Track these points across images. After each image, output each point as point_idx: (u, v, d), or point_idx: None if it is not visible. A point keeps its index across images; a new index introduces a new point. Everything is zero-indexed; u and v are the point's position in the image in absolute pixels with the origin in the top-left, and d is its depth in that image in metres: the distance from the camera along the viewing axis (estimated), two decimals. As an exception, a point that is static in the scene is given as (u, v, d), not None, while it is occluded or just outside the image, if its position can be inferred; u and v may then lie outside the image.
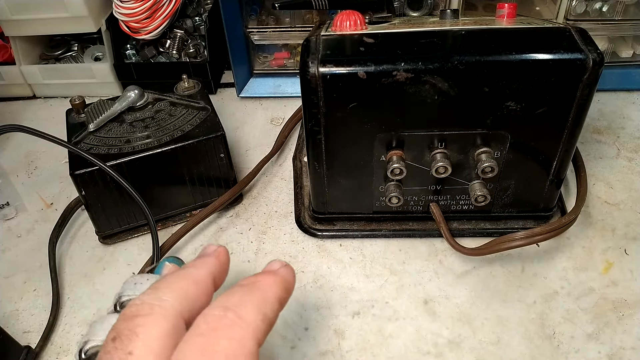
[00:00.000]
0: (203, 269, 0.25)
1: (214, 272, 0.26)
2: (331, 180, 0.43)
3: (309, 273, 0.44)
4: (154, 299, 0.22)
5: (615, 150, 0.54)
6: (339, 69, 0.36)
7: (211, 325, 0.21)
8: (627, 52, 0.61)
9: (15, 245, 0.49)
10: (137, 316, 0.22)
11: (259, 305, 0.23)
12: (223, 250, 0.28)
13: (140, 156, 0.44)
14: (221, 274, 0.27)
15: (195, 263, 0.26)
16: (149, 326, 0.21)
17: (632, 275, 0.42)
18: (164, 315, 0.22)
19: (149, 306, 0.22)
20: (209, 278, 0.25)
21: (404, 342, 0.39)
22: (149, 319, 0.21)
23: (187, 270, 0.25)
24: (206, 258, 0.27)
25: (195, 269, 0.25)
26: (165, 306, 0.22)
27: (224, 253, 0.28)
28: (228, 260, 0.28)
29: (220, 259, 0.27)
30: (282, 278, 0.26)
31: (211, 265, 0.26)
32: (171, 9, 0.62)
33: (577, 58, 0.35)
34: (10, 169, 0.58)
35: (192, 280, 0.24)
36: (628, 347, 0.38)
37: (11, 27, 0.62)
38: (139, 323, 0.21)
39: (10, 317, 0.43)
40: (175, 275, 0.25)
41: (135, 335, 0.21)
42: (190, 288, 0.24)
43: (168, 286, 0.23)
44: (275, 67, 0.66)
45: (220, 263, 0.27)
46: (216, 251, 0.28)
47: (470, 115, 0.38)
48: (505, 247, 0.41)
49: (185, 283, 0.24)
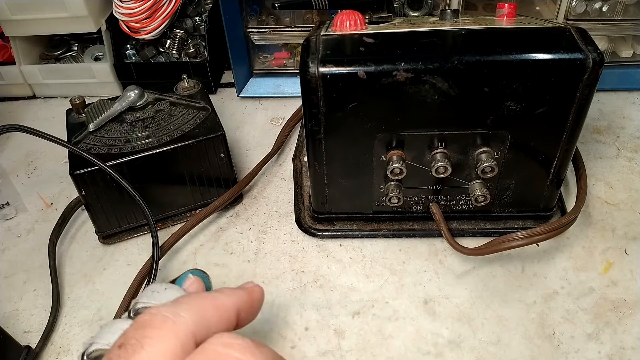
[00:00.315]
0: (230, 298, 0.25)
1: (241, 305, 0.26)
2: (331, 180, 0.43)
3: (309, 273, 0.44)
4: (170, 312, 0.22)
5: (615, 150, 0.54)
6: (339, 69, 0.36)
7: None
8: (627, 52, 0.61)
9: (15, 245, 0.49)
10: (148, 326, 0.21)
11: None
12: (259, 289, 0.28)
13: (140, 156, 0.44)
14: (249, 310, 0.26)
15: (225, 290, 0.26)
16: (157, 339, 0.21)
17: (632, 275, 0.42)
18: (175, 332, 0.21)
19: (163, 318, 0.22)
20: (232, 308, 0.25)
21: (404, 342, 0.39)
22: (159, 332, 0.21)
23: (213, 293, 0.25)
24: (238, 290, 0.26)
25: (222, 295, 0.25)
26: (179, 322, 0.22)
27: (258, 291, 0.27)
28: (260, 299, 0.27)
29: (253, 295, 0.27)
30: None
31: (240, 298, 0.26)
32: (171, 9, 0.62)
33: (577, 58, 0.35)
34: (10, 169, 0.58)
35: (214, 304, 0.24)
36: (628, 347, 0.38)
37: (11, 27, 0.62)
38: (148, 334, 0.21)
39: (10, 317, 0.43)
40: (199, 295, 0.24)
41: (141, 347, 0.20)
42: (210, 311, 0.23)
43: (188, 303, 0.23)
44: (275, 67, 0.66)
45: (251, 299, 0.27)
46: (251, 288, 0.27)
47: (470, 115, 0.38)
48: (505, 247, 0.41)
49: (207, 305, 0.24)
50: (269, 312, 0.41)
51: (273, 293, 0.43)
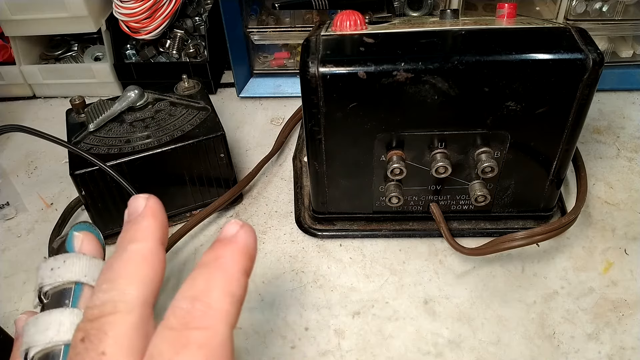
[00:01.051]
0: (148, 241, 0.23)
1: (160, 236, 0.24)
2: (331, 180, 0.43)
3: (309, 273, 0.44)
4: (115, 296, 0.21)
5: (615, 150, 0.54)
6: (339, 69, 0.36)
7: (180, 320, 0.21)
8: (627, 52, 0.61)
9: (15, 245, 0.49)
10: (102, 316, 0.21)
11: (225, 287, 0.22)
12: (155, 203, 0.25)
13: (140, 156, 0.44)
14: (164, 232, 0.24)
15: (135, 235, 0.24)
16: (117, 324, 0.21)
17: (632, 275, 0.42)
18: (129, 310, 0.21)
19: (112, 305, 0.21)
20: (157, 247, 0.23)
21: (404, 342, 0.39)
22: (115, 317, 0.21)
23: (130, 248, 0.23)
24: (143, 222, 0.24)
25: (138, 243, 0.23)
26: (129, 300, 0.21)
27: (158, 208, 0.25)
28: (164, 211, 0.25)
29: (157, 215, 0.25)
30: (243, 246, 0.24)
31: (152, 231, 0.24)
32: (171, 9, 0.62)
33: (577, 58, 0.35)
34: (10, 169, 0.58)
35: (140, 259, 0.23)
36: (628, 347, 0.38)
37: (11, 27, 0.62)
38: (105, 322, 0.21)
39: (10, 317, 0.43)
40: (124, 260, 0.23)
41: (104, 334, 0.20)
42: (143, 269, 0.22)
43: (122, 276, 0.22)
44: (275, 67, 0.66)
45: (159, 221, 0.25)
46: (149, 208, 0.25)
47: (470, 115, 0.38)
48: (505, 247, 0.41)
49: (138, 266, 0.22)
50: (269, 312, 0.41)
51: (273, 293, 0.43)
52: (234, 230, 0.24)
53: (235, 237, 0.24)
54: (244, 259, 0.23)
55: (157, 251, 0.24)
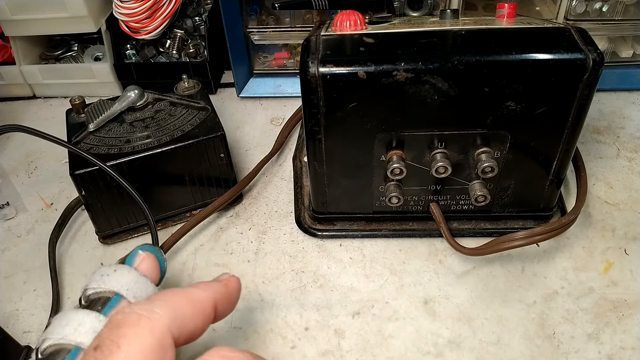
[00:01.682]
0: (205, 292, 0.24)
1: (217, 298, 0.25)
2: (331, 180, 0.43)
3: (309, 273, 0.44)
4: (144, 310, 0.21)
5: (615, 150, 0.54)
6: (339, 69, 0.36)
7: None
8: (627, 52, 0.61)
9: (15, 245, 0.49)
10: (123, 326, 0.21)
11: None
12: (235, 279, 0.27)
13: (140, 156, 0.44)
14: (226, 302, 0.25)
15: (200, 284, 0.25)
16: (133, 338, 0.20)
17: (632, 275, 0.42)
18: (150, 329, 0.21)
19: (137, 317, 0.21)
20: (209, 302, 0.24)
21: (404, 342, 0.39)
22: (135, 330, 0.20)
23: (187, 288, 0.24)
24: (214, 282, 0.26)
25: (197, 289, 0.24)
26: (154, 319, 0.21)
27: (234, 282, 0.26)
28: (237, 289, 0.26)
29: (229, 286, 0.26)
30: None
31: (215, 291, 0.25)
32: (171, 9, 0.62)
33: (577, 58, 0.35)
34: (10, 169, 0.58)
35: (189, 299, 0.23)
36: (628, 347, 0.38)
37: (11, 27, 0.62)
38: (123, 334, 0.20)
39: (10, 317, 0.43)
40: (173, 291, 0.24)
41: (118, 346, 0.20)
42: (185, 306, 0.23)
43: (161, 299, 0.22)
44: (275, 67, 0.66)
45: (228, 291, 0.26)
46: (227, 279, 0.26)
47: (470, 115, 0.38)
48: (505, 247, 0.41)
49: (181, 300, 0.23)
50: (269, 312, 0.41)
51: (273, 293, 0.43)
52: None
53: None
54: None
55: (206, 303, 0.24)
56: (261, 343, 0.39)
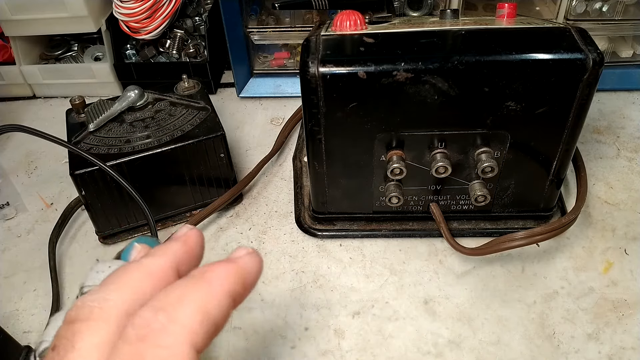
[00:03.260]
0: (162, 258, 0.22)
1: (178, 261, 0.22)
2: (331, 180, 0.43)
3: (309, 273, 0.44)
4: (95, 300, 0.20)
5: (615, 150, 0.54)
6: (339, 69, 0.36)
7: (138, 332, 0.18)
8: (627, 52, 0.61)
9: (15, 245, 0.49)
10: (76, 321, 0.19)
11: (200, 303, 0.19)
12: (193, 233, 0.23)
13: (140, 156, 0.44)
14: (189, 261, 0.23)
15: (156, 251, 0.22)
16: (87, 333, 0.19)
17: (632, 275, 0.42)
18: (105, 319, 0.19)
19: (89, 309, 0.19)
20: (168, 268, 0.21)
21: (404, 342, 0.39)
22: (88, 324, 0.19)
23: (142, 261, 0.22)
24: (170, 244, 0.23)
25: (152, 258, 0.22)
26: (107, 307, 0.19)
27: (193, 236, 0.23)
28: (199, 244, 0.23)
29: (189, 243, 0.23)
30: (240, 268, 0.21)
31: (174, 253, 0.22)
32: (171, 9, 0.62)
33: (577, 58, 0.35)
34: (10, 169, 0.58)
35: (145, 272, 0.21)
36: (628, 347, 0.38)
37: (11, 27, 0.62)
38: (77, 330, 0.19)
39: (10, 317, 0.43)
40: (127, 269, 0.21)
41: (72, 345, 0.19)
42: (143, 281, 0.20)
43: (114, 282, 0.20)
44: (275, 67, 0.66)
45: (188, 249, 0.23)
46: (184, 234, 0.23)
47: (470, 115, 0.38)
48: (505, 247, 0.41)
49: (137, 276, 0.21)
50: (269, 312, 0.41)
51: (273, 293, 0.43)
52: (240, 254, 0.22)
53: (236, 259, 0.22)
54: (236, 282, 0.21)
55: (167, 270, 0.21)
56: (261, 343, 0.39)
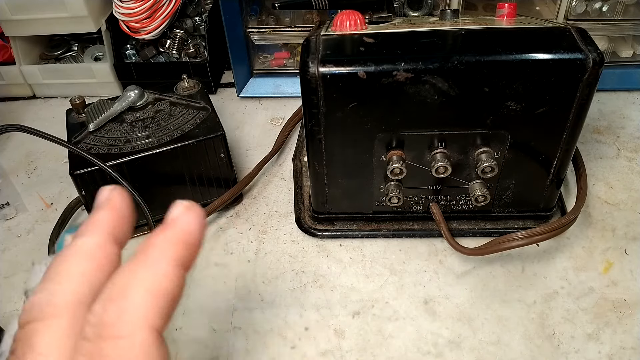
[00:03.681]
0: (95, 235, 0.20)
1: (112, 231, 0.21)
2: (331, 180, 0.43)
3: (309, 273, 0.44)
4: (43, 298, 0.19)
5: (615, 150, 0.54)
6: (339, 69, 0.36)
7: (94, 328, 0.18)
8: (627, 52, 0.61)
9: (15, 245, 0.49)
10: (29, 323, 0.19)
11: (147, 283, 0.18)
12: (117, 195, 0.22)
13: (140, 156, 0.44)
14: (123, 226, 0.21)
15: (86, 229, 0.21)
16: (43, 333, 0.19)
17: (632, 275, 0.42)
18: (57, 315, 0.19)
19: (39, 308, 0.19)
20: (106, 243, 0.20)
21: (404, 342, 0.39)
22: (42, 324, 0.19)
23: (75, 244, 0.20)
24: (97, 214, 0.21)
25: (85, 238, 0.20)
26: (57, 303, 0.19)
27: (118, 199, 0.21)
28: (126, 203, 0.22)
29: (116, 208, 0.21)
30: (180, 231, 0.20)
31: (105, 224, 0.21)
32: (171, 9, 0.62)
33: (577, 58, 0.35)
34: (10, 169, 0.58)
35: (83, 255, 0.20)
36: (628, 347, 0.38)
37: (11, 27, 0.62)
38: (31, 330, 0.19)
39: (10, 317, 0.43)
40: (63, 257, 0.20)
41: (30, 347, 0.18)
42: (85, 266, 0.20)
43: (57, 275, 0.20)
44: (275, 67, 0.66)
45: (117, 213, 0.21)
46: (108, 201, 0.21)
47: (470, 115, 0.38)
48: (505, 247, 0.41)
49: (76, 262, 0.20)
50: (269, 312, 0.41)
51: (273, 293, 0.43)
52: (176, 214, 0.21)
53: (174, 221, 0.21)
54: (179, 248, 0.20)
55: (105, 245, 0.20)
56: (261, 343, 0.39)
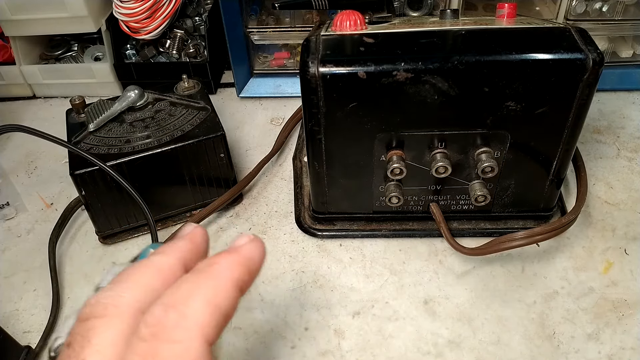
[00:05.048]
0: (170, 256, 0.22)
1: (185, 257, 0.23)
2: (331, 180, 0.43)
3: (309, 273, 0.44)
4: (108, 297, 0.20)
5: (615, 150, 0.54)
6: (339, 69, 0.36)
7: (151, 329, 0.19)
8: (627, 52, 0.61)
9: (15, 245, 0.49)
10: (90, 318, 0.20)
11: (208, 296, 0.20)
12: (199, 231, 0.24)
13: (140, 156, 0.44)
14: (195, 258, 0.23)
15: (164, 249, 0.23)
16: (102, 329, 0.19)
17: (632, 275, 0.42)
18: (119, 316, 0.20)
19: (103, 306, 0.20)
20: (177, 265, 0.22)
21: (404, 342, 0.39)
22: (103, 321, 0.20)
23: (151, 259, 0.22)
24: (177, 242, 0.24)
25: (161, 256, 0.23)
26: (121, 304, 0.20)
27: (199, 234, 0.24)
28: (204, 240, 0.24)
29: (195, 240, 0.24)
30: (244, 257, 0.22)
31: (181, 250, 0.23)
32: (171, 9, 0.62)
33: (577, 58, 0.35)
34: (10, 169, 0.58)
35: (155, 269, 0.22)
36: (628, 347, 0.38)
37: (11, 27, 0.62)
38: (91, 326, 0.19)
39: (10, 317, 0.43)
40: (137, 267, 0.22)
41: (88, 341, 0.19)
42: (153, 279, 0.21)
43: (125, 280, 0.21)
44: (275, 67, 0.66)
45: (194, 246, 0.24)
46: (190, 233, 0.24)
47: (470, 115, 0.38)
48: (505, 247, 0.41)
49: (148, 273, 0.21)
50: (269, 312, 0.41)
51: (273, 293, 0.43)
52: (242, 242, 0.23)
53: (239, 248, 0.22)
54: (241, 271, 0.22)
55: (175, 268, 0.22)
56: (261, 343, 0.39)
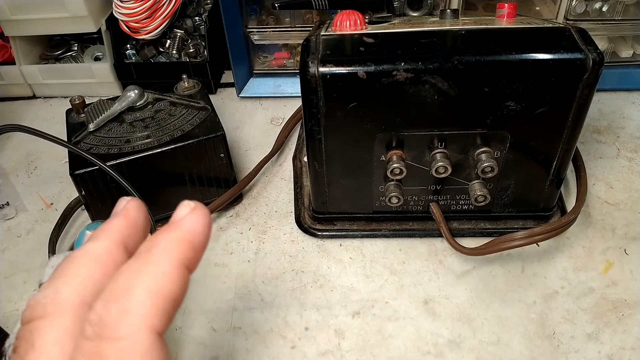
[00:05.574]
0: (105, 240, 0.21)
1: (123, 237, 0.21)
2: (331, 180, 0.43)
3: (309, 273, 0.44)
4: (47, 296, 0.19)
5: (615, 150, 0.54)
6: (339, 68, 0.36)
7: (94, 328, 0.18)
8: (627, 52, 0.61)
9: (15, 245, 0.49)
10: (32, 320, 0.19)
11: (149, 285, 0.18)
12: (133, 205, 0.22)
13: (140, 156, 0.44)
14: (134, 235, 0.22)
15: (97, 233, 0.21)
16: (45, 331, 0.19)
17: (632, 275, 0.42)
18: (60, 314, 0.19)
19: (42, 306, 0.19)
20: (114, 249, 0.21)
21: (404, 342, 0.39)
22: (44, 322, 0.19)
23: (86, 246, 0.21)
24: (111, 221, 0.22)
25: (95, 242, 0.21)
26: (60, 301, 0.19)
27: (133, 208, 0.22)
28: (141, 213, 0.22)
29: (130, 216, 0.22)
30: (186, 232, 0.20)
31: (116, 231, 0.21)
32: (171, 9, 0.62)
33: (577, 58, 0.35)
34: (10, 169, 0.58)
35: (91, 258, 0.20)
36: (628, 347, 0.38)
37: (11, 27, 0.62)
38: (34, 328, 0.19)
39: (10, 317, 0.43)
40: (72, 258, 0.21)
41: (32, 345, 0.19)
42: (91, 269, 0.20)
43: (63, 274, 0.20)
44: (275, 67, 0.66)
45: (130, 222, 0.22)
46: (124, 209, 0.22)
47: (470, 115, 0.38)
48: (505, 247, 0.41)
49: (84, 265, 0.20)
50: (269, 312, 0.41)
51: (273, 293, 0.43)
52: (182, 214, 0.21)
53: (179, 222, 0.20)
54: (184, 248, 0.20)
55: (114, 251, 0.21)
56: (261, 343, 0.39)
